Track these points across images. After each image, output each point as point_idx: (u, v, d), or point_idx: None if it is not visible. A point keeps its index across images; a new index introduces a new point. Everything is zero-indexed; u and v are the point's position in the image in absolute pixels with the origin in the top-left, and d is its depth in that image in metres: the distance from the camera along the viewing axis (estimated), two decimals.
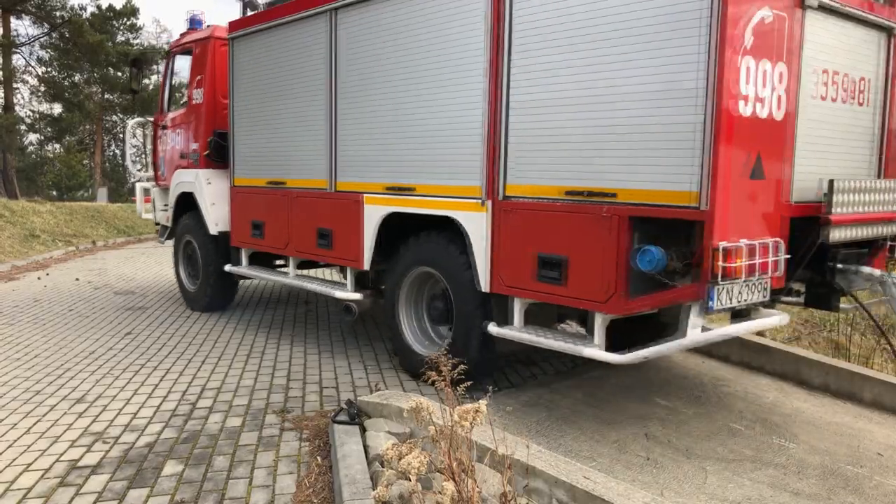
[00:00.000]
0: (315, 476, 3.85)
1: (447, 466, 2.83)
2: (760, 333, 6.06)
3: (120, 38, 37.01)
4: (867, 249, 4.87)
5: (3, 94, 30.59)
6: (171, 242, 9.20)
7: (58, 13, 32.38)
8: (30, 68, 35.35)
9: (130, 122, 11.03)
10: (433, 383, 3.20)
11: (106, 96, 38.62)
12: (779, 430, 4.63)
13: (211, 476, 3.90)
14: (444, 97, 5.15)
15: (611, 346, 4.35)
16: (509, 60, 4.70)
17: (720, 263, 3.79)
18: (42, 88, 36.39)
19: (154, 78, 34.63)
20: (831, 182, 4.34)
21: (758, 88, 3.99)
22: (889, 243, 5.07)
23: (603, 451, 4.14)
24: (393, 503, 3.15)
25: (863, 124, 4.93)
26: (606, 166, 4.25)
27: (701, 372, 5.77)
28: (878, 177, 5.05)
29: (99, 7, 35.41)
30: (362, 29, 5.85)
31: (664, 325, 5.02)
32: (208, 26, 8.36)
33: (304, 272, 7.38)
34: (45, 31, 33.24)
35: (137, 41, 38.20)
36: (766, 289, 4.25)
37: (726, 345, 6.06)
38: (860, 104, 4.86)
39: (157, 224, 9.64)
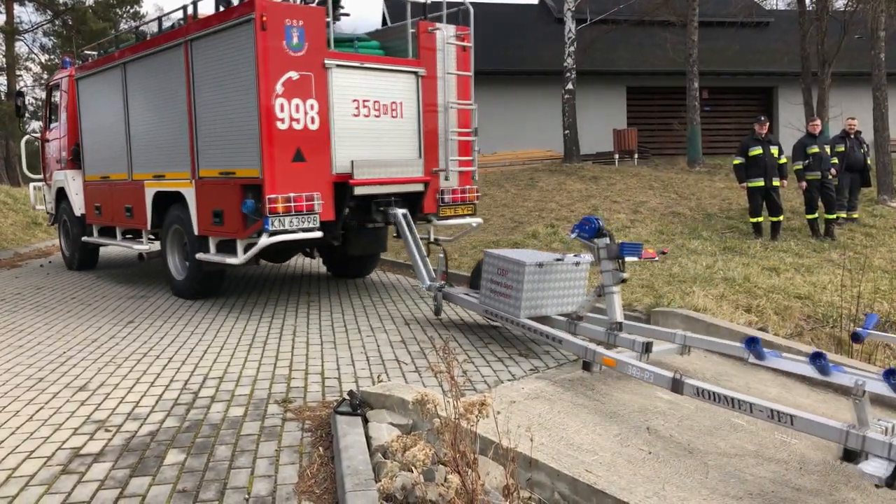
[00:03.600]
0: (317, 467, 3.84)
1: (451, 459, 2.83)
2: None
3: (123, 25, 36.88)
4: (400, 199, 8.13)
5: (5, 81, 30.53)
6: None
7: (61, 0, 32.26)
8: (33, 55, 35.24)
9: (23, 139, 14.18)
10: (436, 374, 3.20)
11: None
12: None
13: (213, 465, 3.90)
14: (172, 119, 8.45)
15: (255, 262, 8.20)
16: (195, 97, 8.00)
17: (268, 206, 7.06)
18: (45, 76, 36.28)
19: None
20: (352, 161, 7.63)
21: (292, 114, 7.24)
22: (442, 196, 8.50)
23: (605, 445, 4.13)
24: (396, 495, 3.15)
25: (405, 128, 8.20)
26: (232, 157, 7.59)
27: (703, 367, 5.76)
28: (420, 158, 8.30)
29: None
30: (137, 76, 9.19)
31: (365, 262, 9.85)
32: (72, 66, 11.46)
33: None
34: (48, 18, 33.11)
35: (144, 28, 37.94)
36: (315, 220, 7.34)
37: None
38: (394, 117, 8.10)
39: (49, 213, 12.65)
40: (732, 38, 21.88)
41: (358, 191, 7.69)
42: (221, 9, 7.83)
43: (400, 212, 7.84)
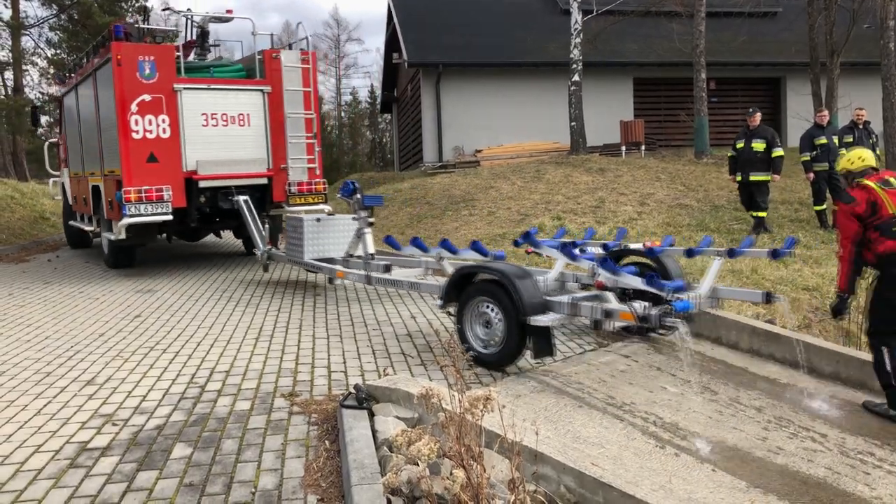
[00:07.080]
0: (323, 460, 3.85)
1: (456, 453, 2.83)
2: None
3: (129, 20, 36.80)
4: (248, 190, 10.03)
5: (12, 76, 30.58)
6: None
7: None
8: (39, 50, 35.20)
9: (46, 143, 16.46)
10: (442, 368, 3.19)
11: None
12: (789, 417, 4.61)
13: (220, 459, 3.91)
14: (94, 129, 10.58)
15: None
16: (99, 113, 10.19)
17: (124, 196, 9.09)
18: (51, 70, 36.30)
19: None
20: (197, 161, 9.74)
21: (146, 126, 9.35)
22: (290, 187, 10.27)
23: (611, 438, 4.13)
24: (402, 488, 3.15)
25: (253, 134, 10.23)
26: (113, 159, 9.67)
27: (710, 359, 5.75)
28: (268, 158, 10.37)
29: None
30: (81, 95, 11.39)
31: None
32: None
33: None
34: (54, 12, 33.06)
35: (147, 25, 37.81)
36: (167, 207, 9.37)
37: (736, 332, 6.05)
38: (241, 125, 10.12)
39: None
40: (740, 29, 21.70)
41: (202, 184, 9.78)
42: (101, 49, 10.11)
43: (241, 198, 9.66)
